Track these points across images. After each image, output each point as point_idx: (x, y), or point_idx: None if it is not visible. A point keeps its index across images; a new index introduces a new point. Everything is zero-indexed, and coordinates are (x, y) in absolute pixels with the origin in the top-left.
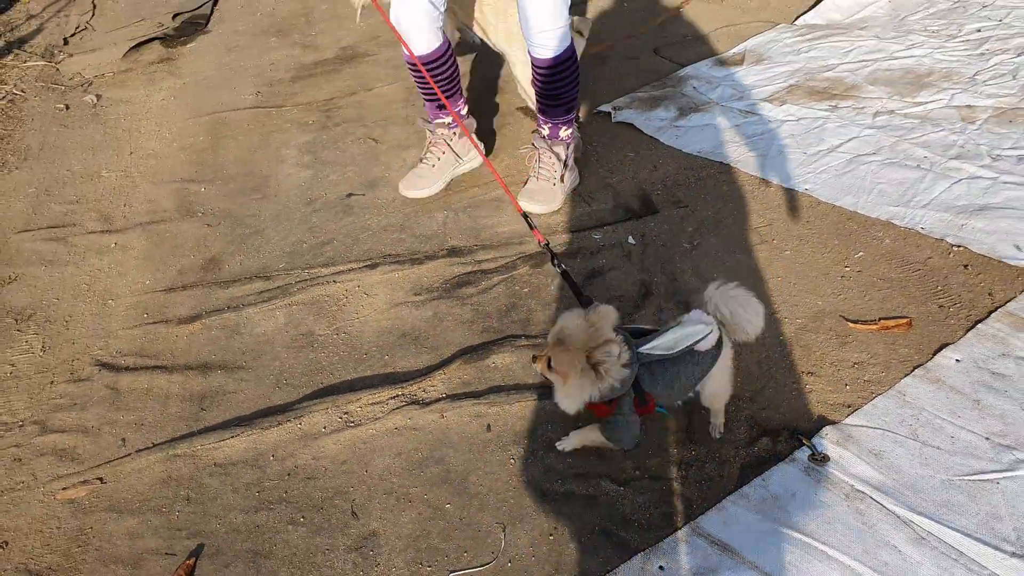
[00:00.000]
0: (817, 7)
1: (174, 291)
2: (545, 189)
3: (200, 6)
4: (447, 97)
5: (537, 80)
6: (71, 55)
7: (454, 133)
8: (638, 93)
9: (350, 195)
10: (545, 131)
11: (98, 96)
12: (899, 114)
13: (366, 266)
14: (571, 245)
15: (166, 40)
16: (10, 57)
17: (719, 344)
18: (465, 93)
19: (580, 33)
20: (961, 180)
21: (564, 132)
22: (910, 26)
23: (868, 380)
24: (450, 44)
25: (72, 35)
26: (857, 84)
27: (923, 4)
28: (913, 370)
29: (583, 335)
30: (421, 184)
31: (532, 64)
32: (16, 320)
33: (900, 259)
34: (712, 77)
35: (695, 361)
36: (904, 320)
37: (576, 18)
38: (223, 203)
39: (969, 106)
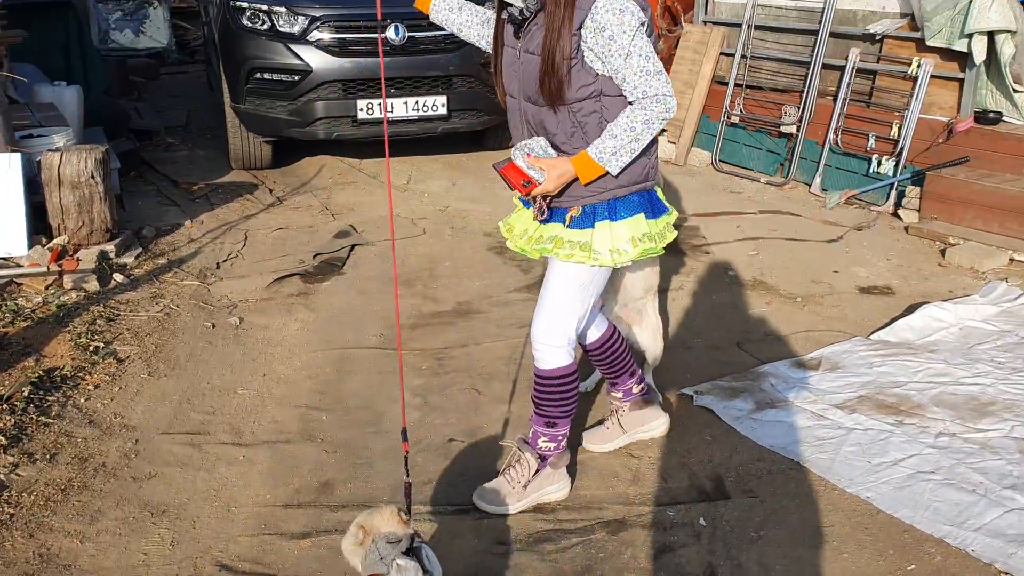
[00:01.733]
0: (891, 325)
1: (290, 507)
2: (501, 487)
3: (338, 250)
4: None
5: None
6: (221, 279)
7: (625, 406)
8: (719, 382)
9: (451, 440)
10: (528, 433)
11: (241, 319)
12: (960, 437)
13: (458, 510)
14: (645, 518)
15: (305, 276)
16: (170, 274)
17: None
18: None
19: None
20: (1014, 510)
21: (542, 443)
22: (978, 355)
23: None
24: (615, 330)
25: (224, 261)
26: (923, 404)
27: (992, 335)
28: None
29: None
30: (598, 439)
31: None
32: (152, 513)
33: None
34: (789, 377)
35: None
36: None
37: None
38: (341, 432)
39: (1021, 439)
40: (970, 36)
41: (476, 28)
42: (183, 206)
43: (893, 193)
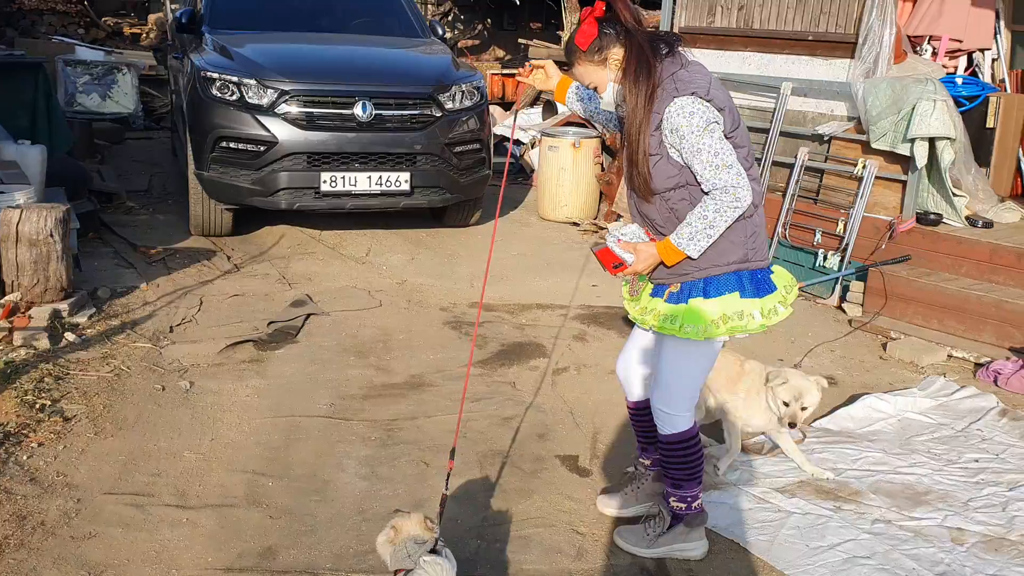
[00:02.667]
0: (833, 414)
1: (232, 571)
2: (639, 532)
3: (293, 318)
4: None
5: None
6: (174, 342)
7: (650, 475)
8: None
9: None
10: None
11: (191, 383)
12: (895, 524)
13: None
14: None
15: (259, 343)
16: (123, 336)
17: None
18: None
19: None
20: None
21: (673, 502)
22: (915, 446)
23: None
24: None
25: (178, 325)
26: (861, 490)
27: (929, 428)
28: None
29: None
30: (612, 504)
31: None
32: (89, 573)
33: None
34: (734, 461)
35: None
36: None
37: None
38: (286, 499)
39: (960, 529)
40: (912, 141)
41: (605, 114)
42: (140, 269)
43: (838, 287)
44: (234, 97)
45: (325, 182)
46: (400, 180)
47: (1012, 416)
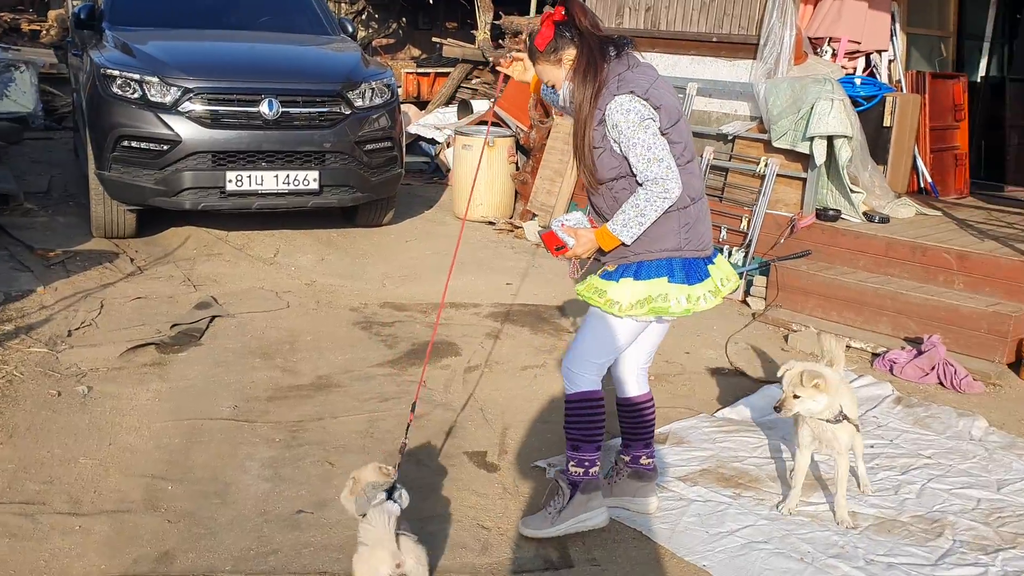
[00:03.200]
0: (735, 404)
1: None
2: (542, 515)
3: (197, 321)
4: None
5: None
6: (72, 347)
7: (626, 472)
8: None
9: (300, 512)
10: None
11: (89, 388)
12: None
13: None
14: None
15: (161, 346)
16: (16, 341)
17: None
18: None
19: None
20: None
21: (571, 467)
22: None
23: None
24: (650, 398)
25: (77, 328)
26: (760, 478)
27: None
28: None
29: None
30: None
31: None
32: None
33: None
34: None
35: None
36: None
37: None
38: (185, 503)
39: (854, 512)
40: (811, 139)
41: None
42: (37, 272)
43: (742, 282)
44: (136, 95)
45: (231, 181)
46: (309, 179)
47: (906, 403)
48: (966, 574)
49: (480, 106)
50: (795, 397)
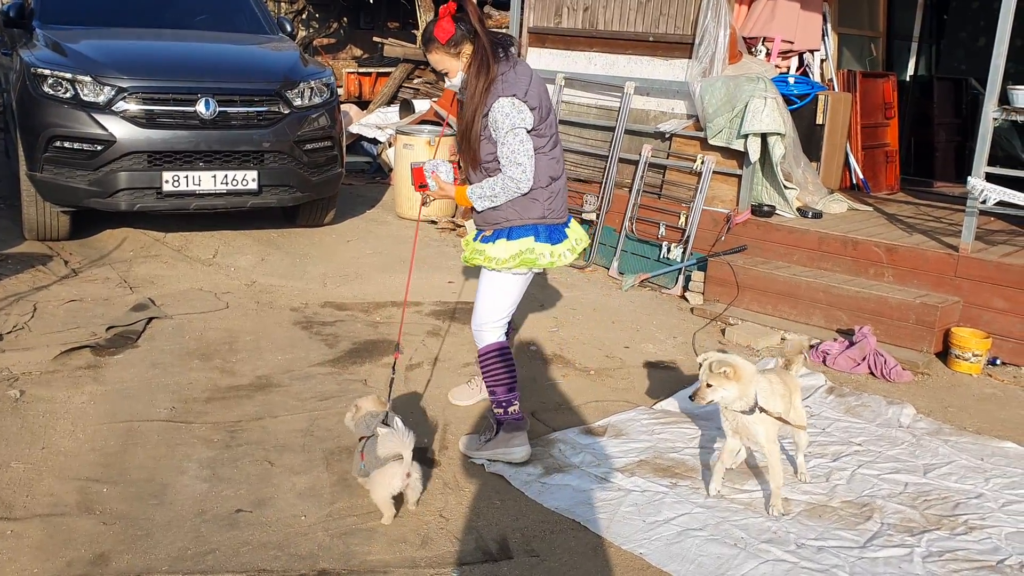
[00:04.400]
0: (673, 396)
1: None
2: (472, 440)
3: (134, 323)
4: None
5: None
6: (3, 351)
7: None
8: None
9: (239, 511)
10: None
11: (21, 392)
12: (727, 498)
13: None
14: None
15: (96, 349)
16: None
17: None
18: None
19: None
20: (768, 561)
21: (495, 409)
22: None
23: None
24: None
25: (8, 332)
26: (696, 467)
27: None
28: None
29: None
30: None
31: None
32: None
33: None
34: (577, 443)
35: None
36: None
37: None
38: (121, 505)
39: (786, 499)
40: (746, 137)
41: None
42: None
43: (681, 277)
44: (68, 95)
45: (167, 182)
46: (247, 179)
47: (838, 393)
48: (893, 555)
49: (422, 105)
50: (708, 386)
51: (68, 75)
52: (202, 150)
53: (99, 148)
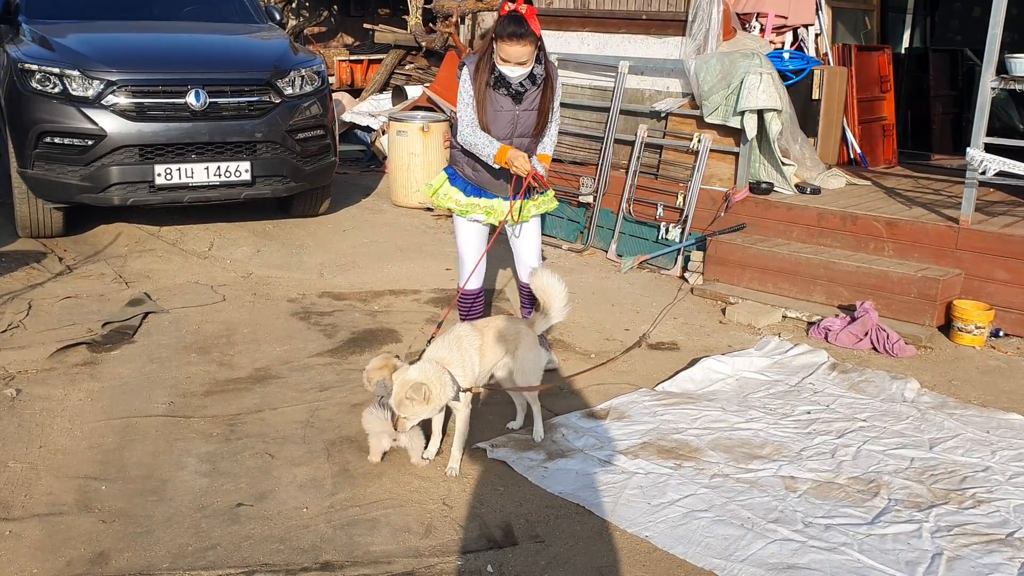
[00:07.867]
0: (675, 377)
1: None
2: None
3: (130, 318)
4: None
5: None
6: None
7: None
8: (514, 435)
9: (239, 505)
10: None
11: (18, 390)
12: (732, 478)
13: (243, 572)
14: (434, 569)
15: (92, 345)
16: None
17: None
18: None
19: None
20: (776, 540)
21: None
22: (751, 403)
23: None
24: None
25: (3, 331)
26: (700, 448)
27: (764, 385)
28: None
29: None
30: None
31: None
32: None
33: None
34: (580, 427)
35: None
36: None
37: None
38: (120, 502)
39: (792, 477)
40: (742, 114)
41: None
42: None
43: (680, 258)
44: (56, 90)
45: (160, 175)
46: (240, 170)
47: (841, 369)
48: (901, 531)
49: (414, 91)
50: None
51: (56, 70)
52: (194, 142)
53: (90, 143)
